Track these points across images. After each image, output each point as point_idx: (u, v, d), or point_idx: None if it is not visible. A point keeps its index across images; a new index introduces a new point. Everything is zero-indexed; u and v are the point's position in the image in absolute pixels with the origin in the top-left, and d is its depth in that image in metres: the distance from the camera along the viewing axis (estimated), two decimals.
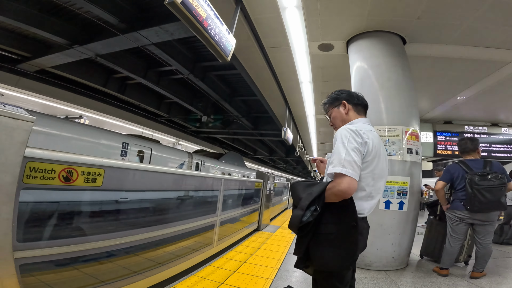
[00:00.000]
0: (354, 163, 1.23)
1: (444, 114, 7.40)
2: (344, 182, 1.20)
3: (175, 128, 14.86)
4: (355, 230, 1.23)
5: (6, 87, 7.74)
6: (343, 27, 3.91)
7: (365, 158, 1.31)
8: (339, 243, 1.24)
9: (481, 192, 2.74)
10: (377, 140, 1.38)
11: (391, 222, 3.24)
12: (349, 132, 1.30)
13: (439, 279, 2.98)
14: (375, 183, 1.35)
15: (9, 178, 1.26)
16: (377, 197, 1.39)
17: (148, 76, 8.88)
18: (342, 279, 1.30)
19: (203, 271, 2.83)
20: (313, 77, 5.53)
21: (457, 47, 4.09)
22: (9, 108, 1.28)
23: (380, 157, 1.36)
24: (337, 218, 1.25)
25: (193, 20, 2.45)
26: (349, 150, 1.25)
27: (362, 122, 1.47)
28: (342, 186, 1.19)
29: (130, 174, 2.19)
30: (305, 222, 1.22)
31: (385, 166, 1.43)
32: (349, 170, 1.21)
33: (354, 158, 1.24)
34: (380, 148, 1.38)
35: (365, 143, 1.31)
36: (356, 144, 1.28)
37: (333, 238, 1.25)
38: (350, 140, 1.28)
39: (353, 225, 1.23)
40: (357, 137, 1.29)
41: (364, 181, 1.32)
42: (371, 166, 1.33)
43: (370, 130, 1.40)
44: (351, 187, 1.20)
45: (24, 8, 5.58)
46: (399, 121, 3.43)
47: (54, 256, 1.59)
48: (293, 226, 1.26)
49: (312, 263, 1.30)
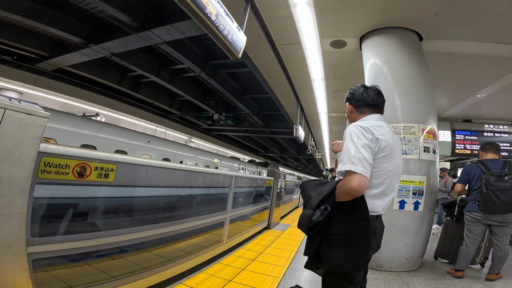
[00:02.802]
0: (364, 160, 1.19)
1: (463, 112, 7.14)
2: (355, 180, 1.15)
3: (187, 125, 15.00)
4: (367, 230, 1.18)
5: (25, 86, 8.01)
6: (356, 23, 3.82)
7: (377, 155, 1.26)
8: (350, 243, 1.20)
9: (496, 193, 2.66)
10: (390, 137, 1.34)
11: (405, 222, 3.16)
12: (358, 129, 1.26)
13: (453, 281, 2.90)
14: (390, 181, 1.31)
15: (24, 173, 1.29)
16: (391, 195, 1.35)
17: (160, 74, 9.00)
18: (353, 280, 1.26)
19: (212, 268, 2.84)
20: (325, 74, 5.44)
21: (477, 44, 3.92)
22: (24, 104, 1.31)
23: (394, 154, 1.32)
24: (348, 218, 1.22)
25: (203, 17, 2.45)
26: (358, 147, 1.21)
27: (373, 119, 1.42)
28: (352, 184, 1.15)
29: (142, 170, 2.22)
30: (315, 222, 1.18)
31: (400, 164, 1.40)
32: (359, 167, 1.17)
33: (364, 155, 1.20)
34: (394, 145, 1.34)
35: (377, 140, 1.26)
36: (366, 140, 1.24)
37: (344, 238, 1.21)
38: (359, 137, 1.24)
39: (365, 224, 1.18)
40: (367, 134, 1.25)
41: (378, 178, 1.28)
42: (385, 163, 1.28)
43: (382, 126, 1.36)
44: (362, 185, 1.15)
45: (40, 8, 5.75)
46: (415, 119, 3.33)
47: (66, 252, 1.62)
48: (302, 226, 1.23)
49: (323, 264, 1.27)
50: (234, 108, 11.92)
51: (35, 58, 7.77)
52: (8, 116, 1.21)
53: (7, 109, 1.21)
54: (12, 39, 6.89)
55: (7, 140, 1.22)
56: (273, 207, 5.76)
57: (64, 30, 6.23)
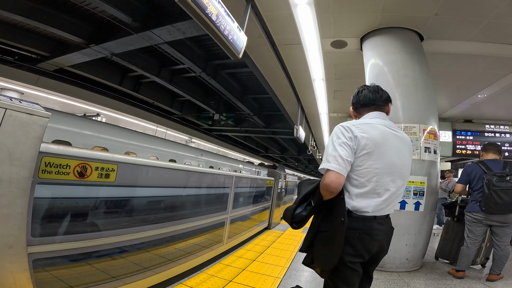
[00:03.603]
0: (339, 157, 1.21)
1: (464, 113, 7.13)
2: (327, 177, 1.21)
3: (187, 126, 15.00)
4: (342, 227, 1.19)
5: (26, 86, 8.01)
6: (356, 23, 3.82)
7: (358, 153, 1.25)
8: (327, 240, 1.24)
9: (498, 194, 2.66)
10: (378, 134, 1.30)
11: (406, 222, 3.15)
12: (339, 129, 1.30)
13: (454, 281, 2.90)
14: (379, 179, 1.27)
15: (24, 173, 1.29)
16: (386, 194, 1.29)
17: (161, 74, 9.00)
18: (346, 280, 1.25)
19: (212, 269, 2.84)
20: (326, 74, 5.43)
21: (478, 44, 3.92)
22: (25, 104, 1.31)
23: (384, 152, 1.28)
24: (331, 216, 1.26)
25: (204, 17, 2.45)
26: (335, 146, 1.25)
27: (369, 117, 1.42)
28: (326, 180, 1.21)
29: (143, 170, 2.22)
30: (298, 215, 1.30)
31: (396, 162, 1.32)
32: (333, 165, 1.21)
33: (340, 153, 1.22)
34: (384, 142, 1.30)
35: (355, 137, 1.25)
36: (345, 139, 1.25)
37: (325, 236, 1.26)
38: (338, 136, 1.27)
39: (341, 221, 1.20)
40: (347, 132, 1.27)
41: (363, 176, 1.26)
42: (370, 161, 1.26)
43: (370, 124, 1.34)
44: (334, 181, 1.19)
45: (41, 8, 5.76)
46: (416, 119, 3.33)
47: (67, 252, 1.62)
48: (286, 218, 1.34)
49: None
50: (234, 108, 11.92)
51: (36, 58, 7.78)
52: (9, 116, 1.21)
53: (8, 109, 1.21)
54: (13, 39, 6.90)
55: (8, 140, 1.22)
56: (273, 207, 5.76)
57: (65, 30, 6.23)
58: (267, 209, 5.57)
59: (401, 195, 1.41)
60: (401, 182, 1.35)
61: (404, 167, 1.38)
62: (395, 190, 1.32)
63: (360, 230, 1.25)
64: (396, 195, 1.34)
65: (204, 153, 11.68)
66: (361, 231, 1.25)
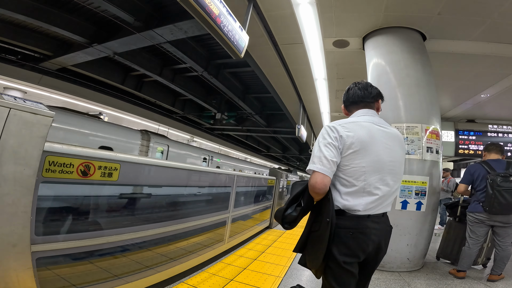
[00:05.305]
0: (324, 158, 1.22)
1: (466, 113, 7.09)
2: (313, 178, 1.22)
3: (189, 125, 15.05)
4: (327, 227, 1.19)
5: (29, 85, 8.07)
6: (358, 23, 3.81)
7: (344, 152, 1.24)
8: (316, 240, 1.25)
9: (502, 194, 2.64)
10: (365, 132, 1.27)
11: (408, 222, 3.15)
12: (326, 129, 1.30)
13: (455, 282, 2.89)
14: (367, 177, 1.25)
15: (28, 171, 1.30)
16: (378, 193, 1.27)
17: (163, 73, 9.03)
18: (339, 280, 1.24)
19: (213, 267, 2.85)
20: (328, 74, 5.43)
21: (481, 44, 3.89)
22: (29, 104, 1.33)
23: (369, 150, 1.25)
24: (321, 216, 1.26)
25: (206, 17, 2.46)
26: (321, 147, 1.25)
27: (357, 115, 1.41)
28: (311, 181, 1.22)
29: (145, 169, 2.23)
30: (288, 216, 1.32)
31: (384, 159, 1.29)
32: (318, 166, 1.22)
33: (325, 154, 1.22)
34: (371, 140, 1.27)
35: (340, 137, 1.24)
36: (330, 139, 1.25)
37: (315, 235, 1.27)
38: (324, 137, 1.27)
39: (327, 221, 1.20)
40: (332, 132, 1.26)
41: (351, 176, 1.25)
42: (357, 159, 1.24)
43: (356, 122, 1.32)
44: (319, 182, 1.20)
45: (44, 7, 5.79)
46: (418, 119, 3.31)
47: (70, 250, 1.64)
48: (277, 219, 1.38)
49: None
50: (236, 108, 11.92)
51: (39, 58, 7.83)
52: (13, 115, 1.23)
53: (12, 108, 1.22)
54: (16, 38, 6.95)
55: (12, 139, 1.23)
56: (275, 206, 5.76)
57: (68, 29, 6.27)
58: (269, 208, 5.58)
59: (395, 193, 1.37)
60: (392, 179, 1.32)
61: (395, 163, 1.34)
62: (387, 188, 1.30)
63: (354, 229, 1.23)
64: (390, 193, 1.31)
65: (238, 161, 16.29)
66: (355, 230, 1.23)
